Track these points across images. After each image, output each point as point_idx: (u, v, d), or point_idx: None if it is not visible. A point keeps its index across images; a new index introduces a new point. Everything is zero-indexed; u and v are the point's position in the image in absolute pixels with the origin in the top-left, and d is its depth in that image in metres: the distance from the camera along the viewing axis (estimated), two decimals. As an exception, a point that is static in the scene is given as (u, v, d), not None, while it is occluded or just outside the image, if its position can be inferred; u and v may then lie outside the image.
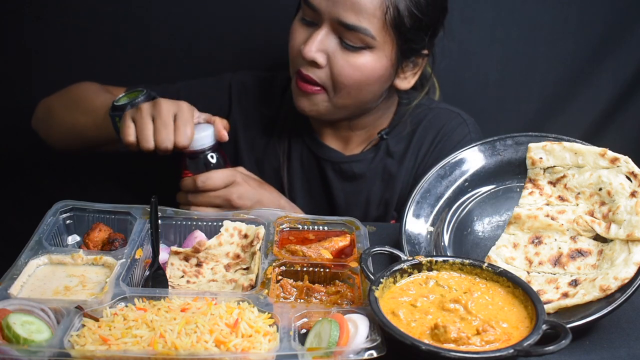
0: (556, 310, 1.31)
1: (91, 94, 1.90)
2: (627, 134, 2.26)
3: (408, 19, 1.68)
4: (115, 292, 1.28)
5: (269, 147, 1.98)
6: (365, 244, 1.47)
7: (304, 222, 1.55)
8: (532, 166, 1.54)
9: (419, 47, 1.76)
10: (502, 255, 1.45)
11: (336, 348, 1.16)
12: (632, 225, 1.34)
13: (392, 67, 1.75)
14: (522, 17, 2.20)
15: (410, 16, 1.68)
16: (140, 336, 1.17)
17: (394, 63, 1.74)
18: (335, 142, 1.94)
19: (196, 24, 2.17)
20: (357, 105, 1.79)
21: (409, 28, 1.69)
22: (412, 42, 1.73)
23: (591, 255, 1.39)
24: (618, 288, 1.28)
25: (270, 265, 1.38)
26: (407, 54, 1.76)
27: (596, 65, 2.23)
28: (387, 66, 1.73)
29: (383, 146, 1.91)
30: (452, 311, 1.23)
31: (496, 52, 2.24)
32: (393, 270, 1.29)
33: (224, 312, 1.23)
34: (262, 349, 1.17)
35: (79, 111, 1.87)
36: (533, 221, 1.46)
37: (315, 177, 1.96)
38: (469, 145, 1.59)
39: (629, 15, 2.19)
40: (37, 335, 1.16)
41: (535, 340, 1.13)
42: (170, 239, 1.55)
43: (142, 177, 2.22)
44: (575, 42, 2.22)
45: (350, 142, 1.94)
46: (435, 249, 1.50)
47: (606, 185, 1.43)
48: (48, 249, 1.40)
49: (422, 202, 1.56)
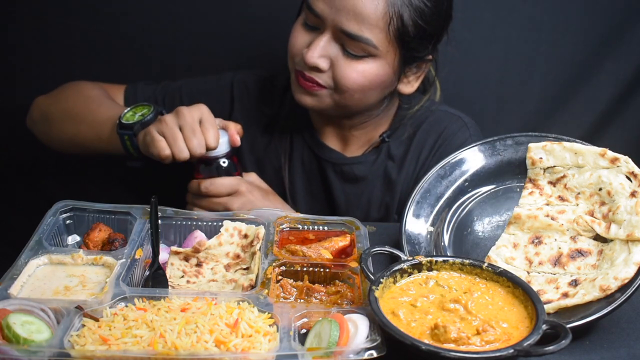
0: (556, 310, 1.31)
1: (91, 103, 1.88)
2: (627, 134, 2.26)
3: (412, 28, 1.67)
4: (115, 292, 1.28)
5: (270, 147, 1.98)
6: (365, 244, 1.47)
7: (304, 222, 1.55)
8: (532, 166, 1.54)
9: (423, 54, 1.76)
10: (502, 255, 1.45)
11: (336, 348, 1.16)
12: (632, 225, 1.34)
13: (395, 74, 1.75)
14: (522, 17, 2.20)
15: (415, 26, 1.67)
16: (140, 336, 1.17)
17: (396, 70, 1.74)
18: (336, 142, 1.94)
19: (197, 22, 2.17)
20: (359, 107, 1.79)
21: (413, 37, 1.68)
22: (416, 50, 1.73)
23: (591, 255, 1.39)
24: (618, 288, 1.28)
25: (270, 265, 1.38)
26: (410, 61, 1.76)
27: (596, 65, 2.23)
28: (390, 73, 1.73)
29: (384, 149, 1.91)
30: (452, 311, 1.23)
31: (496, 52, 2.23)
32: (393, 270, 1.29)
33: (224, 312, 1.23)
34: (262, 349, 1.17)
35: (81, 124, 1.86)
36: (533, 221, 1.46)
37: (316, 177, 1.96)
38: (468, 146, 1.59)
39: (629, 15, 2.19)
40: (37, 335, 1.16)
41: (535, 340, 1.13)
42: (170, 239, 1.55)
43: (142, 177, 2.21)
44: (575, 42, 2.22)
45: (350, 144, 1.93)
46: (435, 249, 1.50)
47: (606, 185, 1.43)
48: (48, 249, 1.40)
49: (422, 202, 1.56)
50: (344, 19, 1.64)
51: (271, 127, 1.98)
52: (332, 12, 1.65)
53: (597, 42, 2.21)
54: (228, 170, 1.71)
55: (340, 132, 1.93)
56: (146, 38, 2.17)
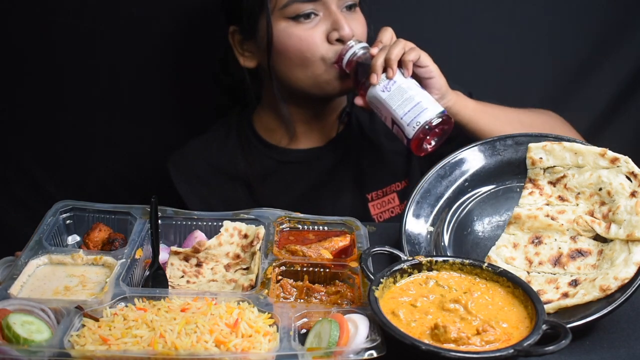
0: (556, 310, 1.31)
1: None
2: (627, 134, 2.26)
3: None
4: (115, 292, 1.28)
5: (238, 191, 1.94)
6: (365, 244, 1.47)
7: (304, 222, 1.55)
8: (532, 166, 1.54)
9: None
10: (502, 255, 1.45)
11: (336, 348, 1.16)
12: (632, 225, 1.34)
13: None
14: (522, 17, 2.20)
15: None
16: (140, 336, 1.17)
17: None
18: (311, 139, 1.92)
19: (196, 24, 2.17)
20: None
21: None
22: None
23: (591, 255, 1.39)
24: (618, 288, 1.28)
25: (270, 265, 1.38)
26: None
27: (596, 65, 2.23)
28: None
29: (353, 121, 1.91)
30: (452, 311, 1.23)
31: (496, 52, 2.24)
32: (393, 270, 1.29)
33: (224, 312, 1.23)
34: (262, 349, 1.17)
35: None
36: (533, 221, 1.46)
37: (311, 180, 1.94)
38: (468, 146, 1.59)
39: (629, 15, 2.19)
40: (37, 335, 1.16)
41: (535, 340, 1.13)
42: (170, 239, 1.55)
43: (142, 177, 2.22)
44: (575, 42, 2.22)
45: (323, 131, 1.92)
46: (435, 249, 1.50)
47: (606, 185, 1.43)
48: (48, 249, 1.40)
49: (422, 202, 1.56)
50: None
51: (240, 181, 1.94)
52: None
53: (597, 42, 2.21)
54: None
55: (316, 123, 1.91)
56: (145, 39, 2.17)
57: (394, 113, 1.60)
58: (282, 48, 1.73)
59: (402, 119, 1.59)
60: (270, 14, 1.71)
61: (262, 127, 1.94)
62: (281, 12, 1.71)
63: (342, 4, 1.73)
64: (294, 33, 1.71)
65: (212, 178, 1.92)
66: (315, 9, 1.70)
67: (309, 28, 1.71)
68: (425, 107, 1.58)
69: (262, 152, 1.92)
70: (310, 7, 1.70)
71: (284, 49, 1.73)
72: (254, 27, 1.76)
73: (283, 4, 1.70)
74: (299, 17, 1.71)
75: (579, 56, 2.23)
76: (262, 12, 1.71)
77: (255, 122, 1.96)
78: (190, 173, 1.92)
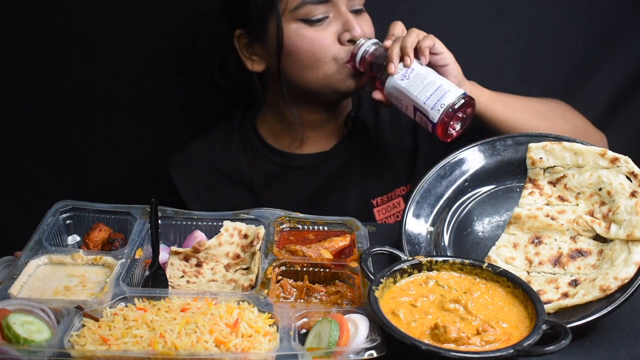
0: (556, 310, 1.31)
1: None
2: (627, 134, 2.26)
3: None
4: (115, 292, 1.28)
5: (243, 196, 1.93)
6: (365, 244, 1.47)
7: (304, 222, 1.55)
8: (532, 166, 1.54)
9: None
10: (502, 255, 1.45)
11: (336, 348, 1.16)
12: (632, 225, 1.34)
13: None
14: (522, 17, 2.20)
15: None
16: (140, 336, 1.17)
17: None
18: (318, 143, 1.92)
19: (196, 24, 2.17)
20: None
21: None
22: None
23: (591, 255, 1.39)
24: (618, 288, 1.28)
25: (270, 265, 1.38)
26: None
27: (596, 65, 2.23)
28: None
29: (359, 126, 1.91)
30: (452, 311, 1.23)
31: (496, 52, 2.24)
32: (393, 270, 1.29)
33: (224, 312, 1.23)
34: (262, 349, 1.17)
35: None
36: (533, 221, 1.46)
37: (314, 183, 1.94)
38: (469, 146, 1.59)
39: (629, 15, 2.19)
40: (37, 335, 1.16)
41: (535, 340, 1.13)
42: (170, 239, 1.55)
43: (142, 177, 2.22)
44: (575, 42, 2.22)
45: (329, 135, 1.92)
46: (435, 249, 1.50)
47: (606, 185, 1.43)
48: (48, 249, 1.40)
49: (422, 202, 1.56)
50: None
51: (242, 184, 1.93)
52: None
53: (597, 41, 2.22)
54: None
55: (323, 127, 1.91)
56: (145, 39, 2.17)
57: (415, 99, 1.59)
58: (293, 50, 1.72)
59: (424, 103, 1.57)
60: (281, 15, 1.70)
61: (266, 132, 1.94)
62: (292, 14, 1.70)
63: (351, 5, 1.74)
64: (306, 35, 1.71)
65: (213, 180, 1.92)
66: (327, 11, 1.71)
67: (320, 29, 1.71)
68: (448, 89, 1.57)
69: (267, 156, 1.92)
70: (322, 9, 1.70)
71: (295, 50, 1.72)
72: (263, 30, 1.75)
73: (294, 6, 1.69)
74: (311, 19, 1.70)
75: (579, 56, 2.23)
76: (272, 14, 1.71)
77: (259, 126, 1.95)
78: (191, 175, 1.92)
